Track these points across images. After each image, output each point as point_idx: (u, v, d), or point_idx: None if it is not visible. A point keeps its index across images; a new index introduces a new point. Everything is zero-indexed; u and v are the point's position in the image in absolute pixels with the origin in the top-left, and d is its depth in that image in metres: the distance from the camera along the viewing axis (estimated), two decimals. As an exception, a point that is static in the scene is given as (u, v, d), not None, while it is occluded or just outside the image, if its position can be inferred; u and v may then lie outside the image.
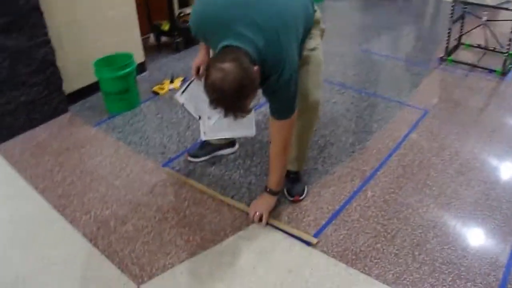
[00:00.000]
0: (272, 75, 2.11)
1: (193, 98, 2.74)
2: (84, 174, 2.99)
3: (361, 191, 2.81)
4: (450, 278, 2.25)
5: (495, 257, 2.37)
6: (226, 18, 2.07)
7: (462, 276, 2.26)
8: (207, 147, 3.09)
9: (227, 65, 1.89)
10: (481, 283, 2.22)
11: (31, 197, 2.82)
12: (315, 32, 2.45)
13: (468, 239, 2.48)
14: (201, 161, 3.07)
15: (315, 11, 2.43)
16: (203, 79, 2.55)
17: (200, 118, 2.75)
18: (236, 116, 2.03)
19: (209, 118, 2.68)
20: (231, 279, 2.25)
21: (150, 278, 2.26)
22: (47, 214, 2.69)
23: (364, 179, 2.91)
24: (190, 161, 3.07)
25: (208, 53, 2.60)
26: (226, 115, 2.02)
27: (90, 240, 2.48)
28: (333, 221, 2.59)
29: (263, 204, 2.59)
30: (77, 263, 2.36)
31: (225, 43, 2.02)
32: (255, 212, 2.55)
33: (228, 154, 3.14)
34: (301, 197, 2.73)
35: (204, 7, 2.21)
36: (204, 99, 2.60)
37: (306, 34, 2.36)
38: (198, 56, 2.62)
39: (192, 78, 2.71)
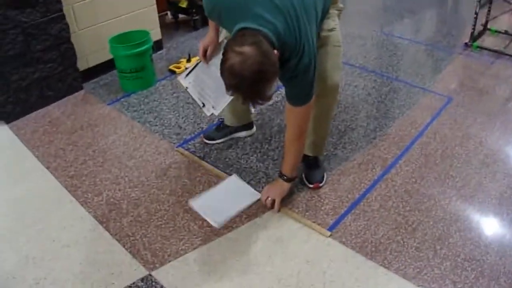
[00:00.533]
0: (291, 59, 2.01)
1: (198, 82, 2.60)
2: (97, 153, 2.93)
3: (382, 180, 2.72)
4: (472, 276, 2.16)
5: (520, 254, 2.28)
6: None
7: (485, 274, 2.16)
8: (223, 129, 3.01)
9: (247, 49, 1.79)
10: (505, 282, 2.13)
11: (42, 176, 2.76)
12: (333, 11, 2.34)
13: (491, 235, 2.38)
14: (217, 143, 2.98)
15: None
16: (211, 62, 2.47)
17: (204, 105, 2.59)
18: (255, 103, 1.94)
19: (213, 107, 2.54)
20: (246, 268, 2.18)
21: (162, 264, 2.19)
22: (58, 194, 2.63)
23: (385, 167, 2.81)
24: (206, 143, 2.98)
25: (217, 34, 2.48)
26: (244, 101, 1.93)
27: (102, 223, 2.42)
28: (353, 211, 2.50)
29: (276, 189, 2.51)
30: (88, 246, 2.30)
31: (242, 25, 1.91)
32: (267, 197, 2.48)
33: (245, 137, 3.05)
34: (321, 184, 2.65)
35: None
36: (209, 85, 2.52)
37: (324, 14, 2.24)
38: (206, 36, 2.50)
39: (199, 61, 2.60)
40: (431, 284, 2.11)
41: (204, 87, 2.56)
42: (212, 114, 2.56)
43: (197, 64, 2.62)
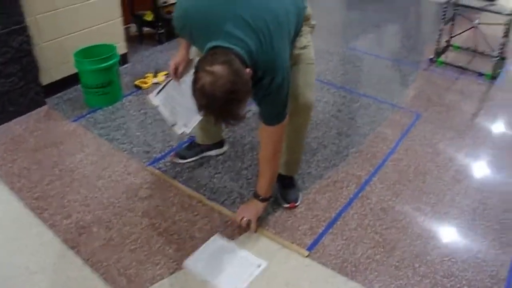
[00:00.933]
0: (264, 78, 1.97)
1: (169, 100, 2.54)
2: (64, 173, 2.81)
3: (357, 197, 2.70)
4: (452, 293, 2.16)
5: (496, 269, 2.30)
6: (216, 15, 1.92)
7: (464, 291, 2.17)
8: (195, 147, 2.94)
9: (218, 68, 1.73)
10: (483, 298, 2.15)
11: (6, 197, 2.63)
12: (305, 28, 2.32)
13: (468, 250, 2.40)
14: (188, 162, 2.91)
15: (305, 6, 2.28)
16: (182, 80, 2.41)
17: (175, 124, 2.51)
18: (227, 124, 1.89)
19: (185, 125, 2.46)
20: (226, 293, 2.12)
21: (138, 291, 2.10)
22: (24, 216, 2.51)
23: (360, 184, 2.80)
24: (178, 162, 2.91)
25: (188, 51, 2.42)
26: (216, 122, 1.87)
27: (72, 248, 2.31)
28: (330, 230, 2.47)
29: (251, 209, 2.44)
30: (57, 273, 2.19)
31: (214, 43, 1.87)
32: (243, 217, 2.41)
33: (217, 155, 2.99)
34: (297, 204, 2.61)
35: (190, 2, 2.04)
36: (180, 103, 2.45)
37: (297, 31, 2.22)
38: (176, 54, 2.43)
39: (169, 78, 2.53)
40: (413, 304, 2.10)
41: (175, 105, 2.49)
42: (183, 132, 2.48)
43: (168, 82, 2.55)
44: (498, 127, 3.48)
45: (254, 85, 1.93)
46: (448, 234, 2.50)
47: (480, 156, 3.12)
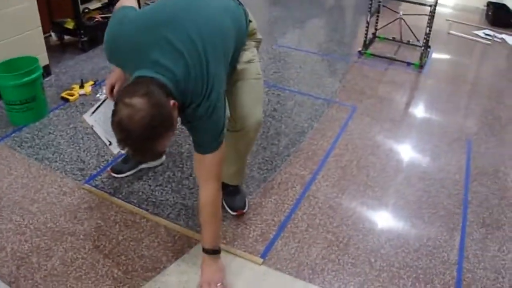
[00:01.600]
0: (193, 104, 1.84)
1: (104, 120, 2.38)
2: (-8, 200, 2.61)
3: (304, 198, 2.67)
4: (410, 283, 2.19)
5: (447, 255, 2.35)
6: (143, 43, 1.80)
7: (420, 279, 2.20)
8: (131, 160, 2.80)
9: (136, 101, 1.62)
10: (439, 283, 2.19)
11: None
12: (250, 43, 2.26)
13: (418, 239, 2.43)
14: (126, 176, 2.78)
15: (250, 21, 2.21)
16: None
17: (110, 143, 2.38)
18: (145, 159, 1.79)
19: None
20: (182, 312, 2.02)
21: (89, 322, 1.97)
22: (-48, 252, 2.29)
23: (305, 184, 2.77)
24: (115, 177, 2.76)
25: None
26: (134, 156, 1.77)
27: (10, 284, 2.12)
28: (282, 234, 2.42)
29: (215, 272, 2.09)
30: (-3, 312, 2.01)
31: (138, 73, 1.76)
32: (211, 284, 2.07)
33: (156, 167, 2.86)
34: (244, 210, 2.54)
35: (118, 28, 1.91)
36: None
37: (240, 46, 2.13)
38: (111, 73, 2.30)
39: (104, 98, 2.40)
40: (374, 300, 2.09)
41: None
42: (119, 152, 2.35)
43: (103, 102, 2.41)
44: (430, 114, 3.56)
45: (183, 112, 1.84)
46: (398, 225, 2.52)
47: (418, 145, 3.18)
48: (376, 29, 4.69)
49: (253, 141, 2.37)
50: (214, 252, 2.09)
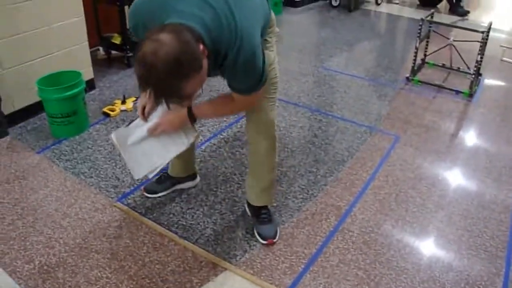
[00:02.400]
0: (228, 55, 1.78)
1: (131, 143, 2.26)
2: (26, 211, 2.63)
3: (338, 230, 2.58)
4: (443, 333, 2.05)
5: (486, 303, 2.19)
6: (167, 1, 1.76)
7: (455, 329, 2.06)
8: (165, 181, 2.78)
9: (164, 36, 1.54)
10: (474, 336, 2.04)
11: (-38, 242, 2.44)
12: (273, 39, 2.18)
13: (456, 283, 2.29)
14: (159, 197, 2.75)
15: (270, 9, 2.13)
16: (149, 119, 2.18)
17: (133, 169, 2.29)
18: (169, 102, 1.69)
19: (144, 172, 2.24)
20: None
21: None
22: (-19, 263, 2.32)
23: (340, 216, 2.68)
24: (147, 197, 2.75)
25: None
26: (157, 98, 1.69)
27: (35, 298, 2.13)
28: (311, 268, 2.34)
29: (173, 116, 2.12)
30: (18, 328, 2.01)
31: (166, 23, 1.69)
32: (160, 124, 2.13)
33: (189, 188, 2.84)
34: (275, 240, 2.47)
35: None
36: (143, 148, 2.23)
37: (264, 31, 2.04)
38: (144, 95, 2.24)
39: (136, 118, 2.30)
40: None
41: (136, 149, 2.25)
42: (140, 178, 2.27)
43: (130, 122, 2.31)
44: (478, 147, 3.40)
45: (220, 65, 1.81)
46: (435, 266, 2.38)
47: (462, 180, 3.04)
48: (425, 55, 4.56)
49: (269, 150, 2.33)
50: (190, 113, 2.07)
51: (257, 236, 2.48)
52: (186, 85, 1.62)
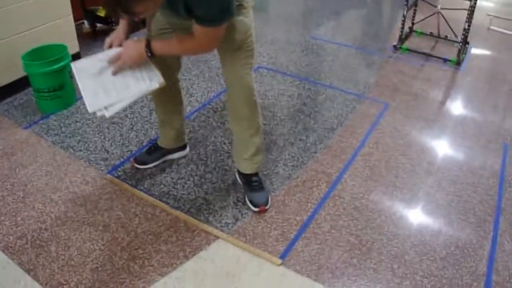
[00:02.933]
0: None
1: (94, 76, 2.18)
2: (16, 187, 2.61)
3: (329, 197, 2.60)
4: (433, 293, 2.08)
5: (475, 265, 2.23)
6: None
7: (445, 290, 2.09)
8: (156, 151, 2.77)
9: None
10: (464, 295, 2.07)
11: (-48, 217, 2.42)
12: (249, 4, 2.14)
13: (446, 247, 2.32)
14: (149, 168, 2.75)
15: None
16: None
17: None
18: (116, 14, 1.66)
19: (106, 108, 2.11)
20: (196, 311, 1.98)
21: (102, 316, 1.95)
22: (-27, 238, 2.31)
23: (331, 183, 2.69)
24: (138, 169, 2.74)
25: (126, 31, 2.21)
26: (111, 13, 1.73)
27: (28, 271, 2.12)
28: (303, 234, 2.36)
29: (131, 50, 2.10)
30: (13, 300, 2.01)
31: None
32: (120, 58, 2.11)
33: (179, 159, 2.83)
34: (267, 207, 2.49)
35: None
36: (103, 83, 2.15)
37: None
38: (114, 31, 2.24)
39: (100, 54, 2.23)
40: (394, 309, 2.01)
41: (100, 83, 2.16)
42: (104, 115, 2.14)
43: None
44: (466, 114, 3.42)
45: None
46: (425, 231, 2.41)
47: (451, 146, 3.06)
48: (413, 23, 4.54)
49: (251, 117, 2.34)
50: (148, 47, 2.04)
51: (249, 204, 2.49)
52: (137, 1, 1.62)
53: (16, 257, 2.20)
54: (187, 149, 2.86)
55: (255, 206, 2.48)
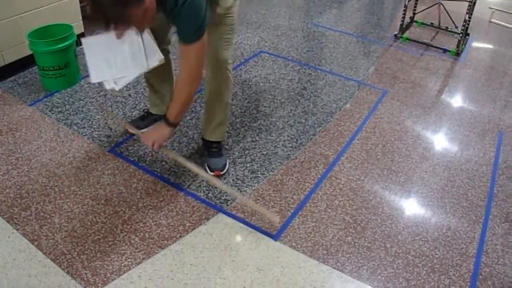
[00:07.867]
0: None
1: (103, 51, 2.34)
2: (21, 162, 2.67)
3: (325, 178, 2.66)
4: (424, 272, 2.16)
5: (465, 247, 2.30)
6: None
7: (435, 269, 2.17)
8: (147, 117, 2.91)
9: None
10: (454, 275, 2.15)
11: (-41, 188, 2.49)
12: None
13: (438, 229, 2.39)
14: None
15: None
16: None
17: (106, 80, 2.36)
18: (117, 26, 1.83)
19: (115, 83, 2.33)
20: (195, 281, 2.05)
21: (104, 283, 2.01)
22: (-21, 209, 2.37)
23: (328, 164, 2.75)
24: (132, 133, 2.84)
25: None
26: (106, 23, 1.81)
27: (32, 241, 2.19)
28: (300, 212, 2.42)
29: (157, 134, 2.33)
30: (18, 269, 2.07)
31: None
32: (153, 143, 2.31)
33: (180, 137, 2.89)
34: (222, 172, 2.60)
35: None
36: (107, 59, 2.31)
37: None
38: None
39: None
40: (386, 284, 2.08)
41: (108, 57, 2.32)
42: (113, 89, 2.33)
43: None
44: (463, 104, 3.48)
45: (164, 4, 1.92)
46: (418, 213, 2.48)
47: (447, 133, 3.12)
48: (414, 13, 4.59)
49: (222, 88, 2.47)
50: (168, 121, 2.27)
51: (206, 169, 2.60)
52: (132, 11, 1.78)
53: (21, 227, 2.26)
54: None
55: (211, 171, 2.59)
